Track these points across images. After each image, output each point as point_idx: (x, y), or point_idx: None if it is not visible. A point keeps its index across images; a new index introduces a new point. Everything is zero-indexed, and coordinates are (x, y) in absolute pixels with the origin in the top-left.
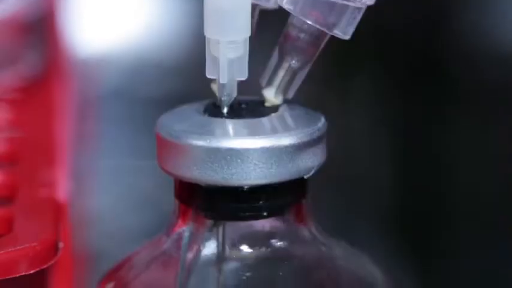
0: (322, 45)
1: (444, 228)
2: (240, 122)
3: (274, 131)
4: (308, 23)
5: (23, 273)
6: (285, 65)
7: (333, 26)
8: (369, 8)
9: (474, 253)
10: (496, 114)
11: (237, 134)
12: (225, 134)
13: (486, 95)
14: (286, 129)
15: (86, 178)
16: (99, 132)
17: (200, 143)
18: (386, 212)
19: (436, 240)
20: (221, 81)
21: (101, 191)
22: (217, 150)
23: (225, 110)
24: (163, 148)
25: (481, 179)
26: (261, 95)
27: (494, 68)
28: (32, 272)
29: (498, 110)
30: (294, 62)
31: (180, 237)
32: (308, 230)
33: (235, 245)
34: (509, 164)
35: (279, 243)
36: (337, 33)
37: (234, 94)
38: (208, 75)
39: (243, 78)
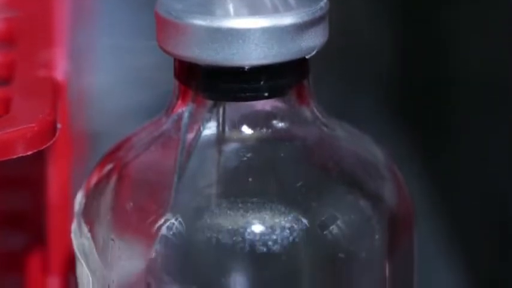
0: None
1: (445, 104)
2: (240, 2)
3: (275, 11)
4: None
5: (21, 155)
6: None
7: None
8: None
9: (475, 131)
10: None
11: (238, 14)
12: (226, 14)
13: None
14: (288, 8)
15: (85, 57)
16: (98, 10)
17: (200, 22)
18: (387, 90)
19: (437, 117)
20: None
21: (100, 70)
22: (218, 30)
23: None
24: (163, 28)
25: (481, 52)
26: None
27: None
28: (29, 153)
29: None
30: None
31: (179, 118)
32: (310, 111)
33: (236, 126)
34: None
35: (280, 124)
36: None
37: None
38: None
39: None
